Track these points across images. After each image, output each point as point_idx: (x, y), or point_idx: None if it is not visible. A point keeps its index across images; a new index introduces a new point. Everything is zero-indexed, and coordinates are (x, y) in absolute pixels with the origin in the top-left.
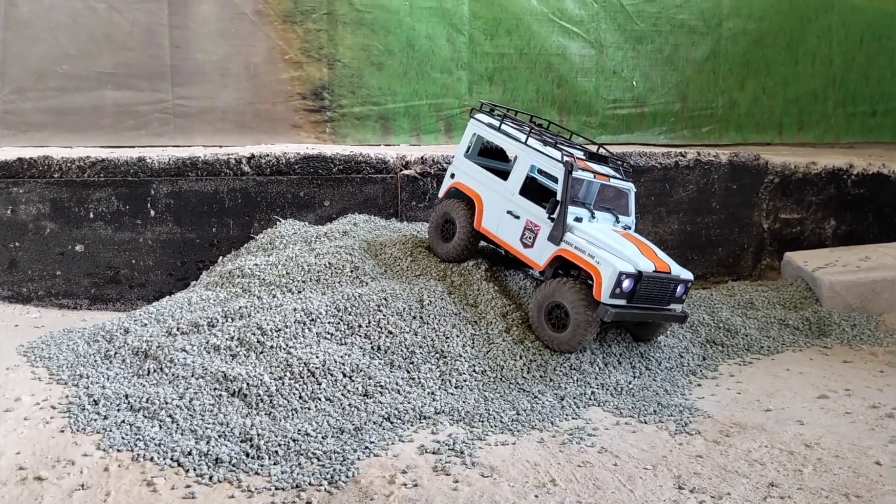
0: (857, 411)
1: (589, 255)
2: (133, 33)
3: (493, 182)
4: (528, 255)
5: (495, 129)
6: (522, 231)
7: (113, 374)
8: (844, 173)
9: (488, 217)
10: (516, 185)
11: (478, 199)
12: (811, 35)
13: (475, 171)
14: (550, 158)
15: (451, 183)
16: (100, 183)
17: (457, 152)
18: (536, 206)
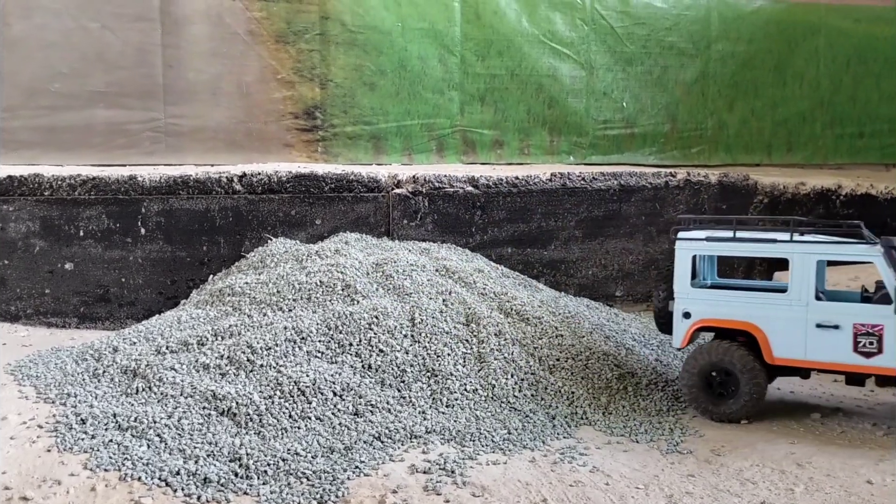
0: (848, 430)
1: None
2: (125, 52)
3: (767, 299)
4: (878, 365)
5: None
6: (854, 340)
7: (101, 393)
8: (833, 194)
9: (782, 343)
10: (808, 290)
11: (753, 327)
12: (799, 58)
13: (728, 296)
14: (844, 245)
15: (692, 324)
16: (90, 201)
17: (677, 285)
18: (861, 305)
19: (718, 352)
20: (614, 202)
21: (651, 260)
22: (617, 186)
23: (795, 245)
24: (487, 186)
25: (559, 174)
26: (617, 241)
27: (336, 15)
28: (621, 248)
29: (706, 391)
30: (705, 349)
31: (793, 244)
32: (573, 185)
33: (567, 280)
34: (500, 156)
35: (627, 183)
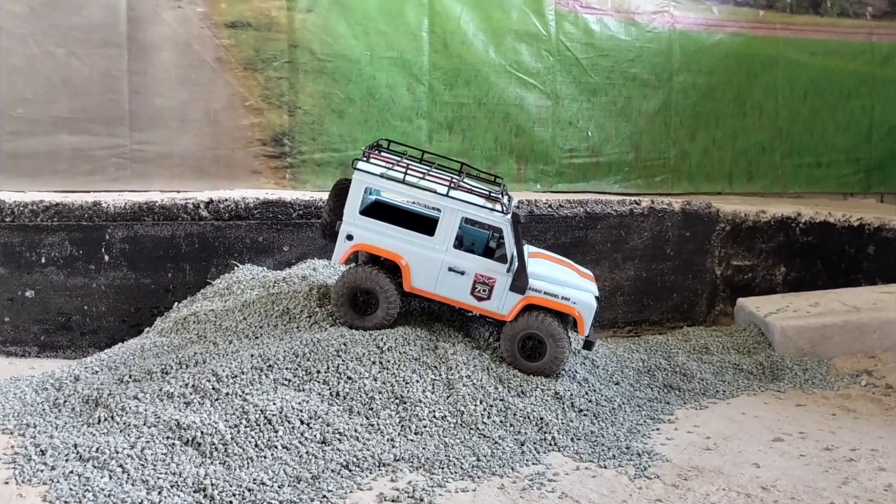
0: (812, 454)
1: (563, 298)
2: (92, 78)
3: (415, 238)
4: (485, 308)
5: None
6: (473, 286)
7: (61, 423)
8: (793, 221)
9: (419, 276)
10: (448, 239)
11: (398, 258)
12: (757, 89)
13: (384, 228)
14: (486, 209)
15: (350, 246)
16: (53, 227)
17: (347, 210)
18: (484, 259)
19: (354, 275)
20: (580, 229)
21: (617, 286)
22: (583, 214)
23: (448, 200)
24: None
25: (526, 201)
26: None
27: (305, 43)
28: None
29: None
30: (354, 271)
31: (446, 199)
32: (540, 212)
33: None
34: None
35: (593, 210)
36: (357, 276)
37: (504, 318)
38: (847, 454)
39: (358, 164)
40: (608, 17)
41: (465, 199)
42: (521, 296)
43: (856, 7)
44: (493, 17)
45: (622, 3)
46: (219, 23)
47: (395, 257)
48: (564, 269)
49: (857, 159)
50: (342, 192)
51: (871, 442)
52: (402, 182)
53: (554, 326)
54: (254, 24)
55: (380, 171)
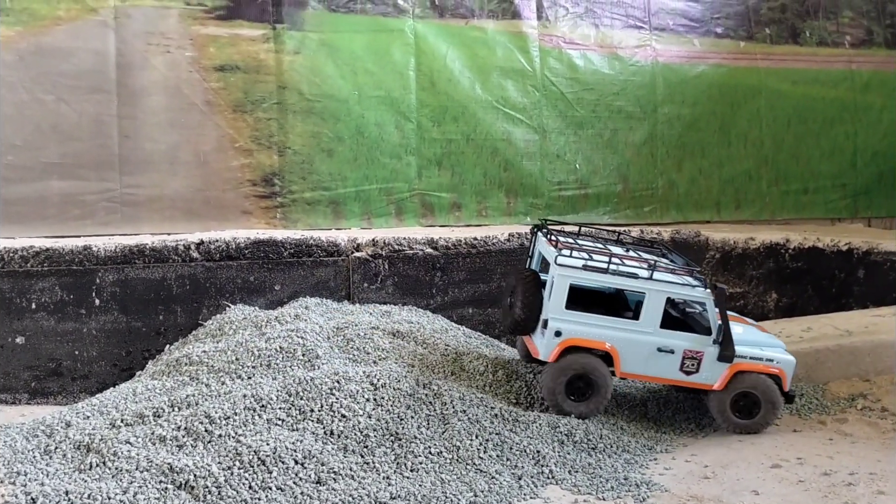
0: (810, 479)
1: (766, 360)
2: (81, 124)
3: (621, 324)
4: (694, 381)
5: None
6: (682, 362)
7: (53, 470)
8: (782, 248)
9: (629, 360)
10: (654, 321)
11: (607, 347)
12: (742, 119)
13: (590, 319)
14: (689, 287)
15: (560, 342)
16: (43, 273)
17: (553, 306)
18: (692, 335)
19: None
20: None
21: None
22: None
23: (650, 283)
24: (447, 248)
25: (517, 234)
26: None
27: (293, 84)
28: None
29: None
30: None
31: (648, 282)
32: None
33: None
34: (459, 218)
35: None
36: (576, 363)
37: (713, 389)
38: (846, 478)
39: (559, 260)
40: (591, 51)
41: (666, 280)
42: (729, 364)
43: (834, 36)
44: (478, 54)
45: (605, 38)
46: (207, 66)
47: (605, 347)
48: (747, 328)
49: (843, 185)
50: (530, 286)
51: (869, 466)
52: (605, 272)
53: (773, 390)
54: (242, 67)
55: (580, 263)
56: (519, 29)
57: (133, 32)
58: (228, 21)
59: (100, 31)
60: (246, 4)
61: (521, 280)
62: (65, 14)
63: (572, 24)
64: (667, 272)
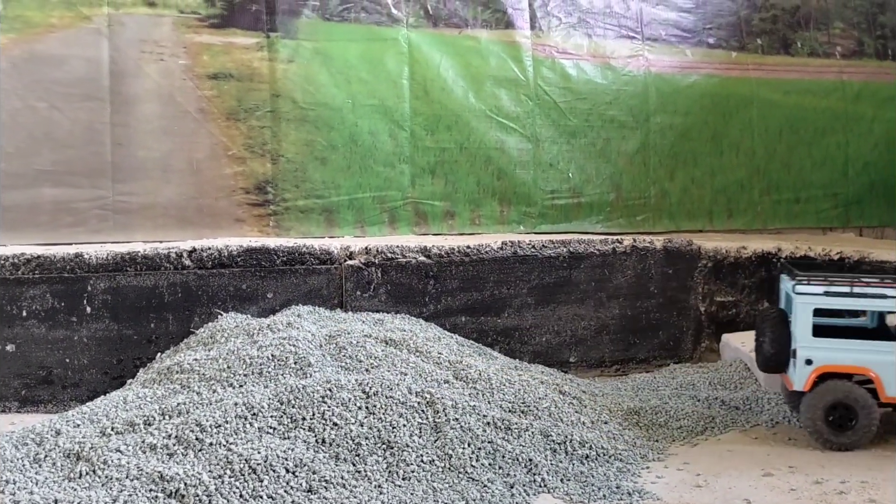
0: (802, 487)
1: None
2: (74, 131)
3: (879, 347)
4: None
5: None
6: None
7: (42, 479)
8: (774, 256)
9: (892, 384)
10: None
11: (868, 371)
12: (734, 128)
13: (840, 344)
14: None
15: (812, 370)
16: (34, 280)
17: (800, 334)
18: None
19: (828, 391)
20: (564, 269)
21: (602, 325)
22: (566, 253)
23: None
24: (440, 256)
25: (510, 242)
26: (569, 308)
27: (287, 92)
28: (573, 313)
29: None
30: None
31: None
32: (524, 252)
33: (521, 347)
34: (452, 226)
35: (576, 250)
36: (836, 390)
37: None
38: (837, 487)
39: (797, 289)
40: (584, 61)
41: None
42: None
43: (825, 47)
44: (471, 63)
45: (598, 48)
46: (201, 74)
47: (864, 371)
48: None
49: (835, 194)
50: (777, 321)
51: (860, 474)
52: (849, 295)
53: None
54: (236, 75)
55: (822, 289)
56: (512, 39)
57: (126, 40)
58: (222, 29)
59: (93, 39)
60: (240, 13)
61: (764, 318)
62: (58, 21)
63: (565, 34)
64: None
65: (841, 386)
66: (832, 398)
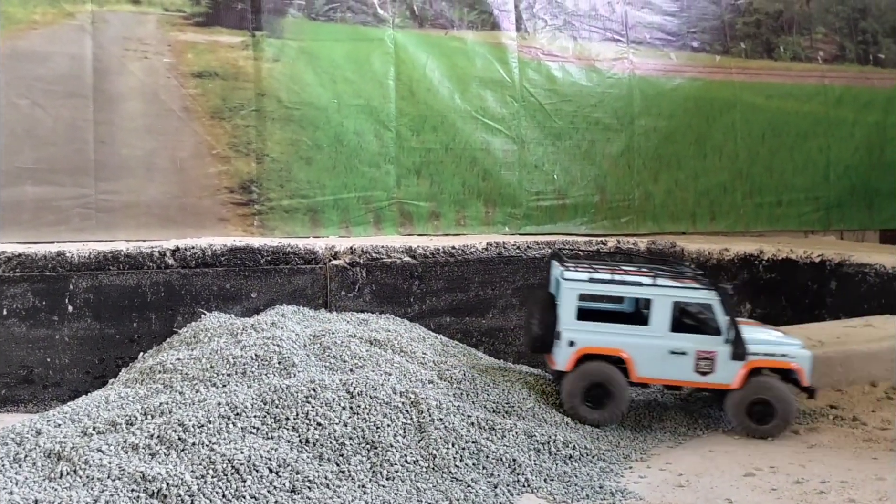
0: (783, 487)
1: (781, 355)
2: (56, 129)
3: (632, 330)
4: (710, 381)
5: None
6: (695, 363)
7: (22, 479)
8: (756, 259)
9: (643, 365)
10: (664, 325)
11: (621, 353)
12: (717, 132)
13: (601, 328)
14: (692, 290)
15: (574, 351)
16: (15, 279)
17: (564, 318)
18: (703, 336)
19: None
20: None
21: None
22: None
23: (655, 289)
24: (425, 256)
25: (495, 243)
26: None
27: (272, 92)
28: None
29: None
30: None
31: (654, 288)
32: (509, 253)
33: (506, 348)
34: (437, 227)
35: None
36: (591, 371)
37: (731, 388)
38: (817, 486)
39: (565, 275)
40: (570, 63)
41: (672, 285)
42: (743, 362)
43: (808, 52)
44: (457, 64)
45: (583, 50)
46: (185, 73)
47: (619, 353)
48: (762, 329)
49: (816, 198)
50: (546, 304)
51: (840, 474)
52: (611, 282)
53: (783, 390)
54: (221, 74)
55: (587, 276)
56: (498, 40)
57: (110, 38)
58: (207, 28)
59: (77, 36)
60: (225, 11)
61: (534, 301)
62: (41, 18)
63: (551, 37)
64: (671, 278)
65: (599, 367)
66: (590, 378)
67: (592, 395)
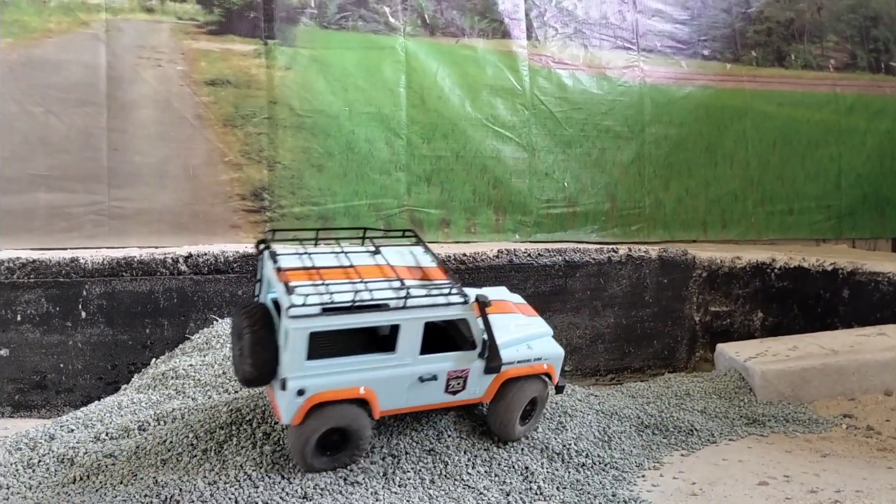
0: (797, 496)
1: (535, 360)
2: (70, 136)
3: (377, 363)
4: (462, 399)
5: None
6: (447, 384)
7: (35, 484)
8: (768, 267)
9: (389, 398)
10: (412, 350)
11: (362, 394)
12: (728, 139)
13: (337, 365)
14: (448, 306)
15: (304, 401)
16: (29, 284)
17: (290, 364)
18: (454, 354)
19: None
20: (560, 277)
21: (598, 334)
22: (562, 262)
23: (405, 312)
24: None
25: (506, 251)
26: (564, 316)
27: (284, 99)
28: (568, 322)
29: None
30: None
31: (402, 311)
32: (520, 261)
33: None
34: (448, 234)
35: (572, 259)
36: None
37: (484, 401)
38: (832, 496)
39: (292, 311)
40: (580, 71)
41: (422, 304)
42: (496, 374)
43: (819, 60)
44: (468, 72)
45: (593, 58)
46: (198, 81)
47: (359, 394)
48: (513, 317)
49: (828, 206)
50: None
51: (855, 483)
52: (351, 311)
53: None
54: (233, 82)
55: (318, 308)
56: (509, 48)
57: (124, 46)
58: (220, 36)
59: (91, 44)
60: (238, 20)
61: (249, 324)
62: (56, 27)
63: (561, 45)
64: (422, 289)
65: (335, 412)
66: (325, 427)
67: (327, 443)
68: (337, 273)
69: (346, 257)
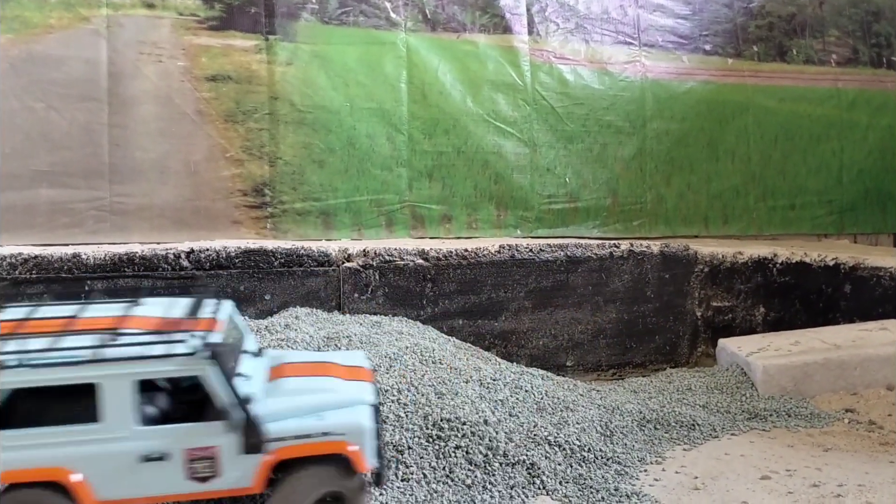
0: (800, 491)
1: (323, 434)
2: (71, 132)
3: (79, 434)
4: (219, 489)
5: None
6: (188, 467)
7: None
8: (770, 262)
9: (106, 484)
10: (127, 417)
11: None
12: (729, 135)
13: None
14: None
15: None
16: (31, 280)
17: None
18: (194, 426)
19: None
20: (562, 273)
21: (600, 329)
22: (564, 257)
23: (106, 366)
24: (437, 259)
25: (508, 246)
26: (566, 311)
27: (285, 95)
28: (570, 317)
29: None
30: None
31: (103, 365)
32: (521, 256)
33: (518, 351)
34: (449, 230)
35: (574, 254)
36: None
37: (253, 492)
38: (835, 490)
39: None
40: (582, 66)
41: (127, 356)
42: (263, 454)
43: (821, 55)
44: (469, 68)
45: (595, 53)
46: (199, 76)
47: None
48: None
49: (830, 201)
50: None
51: (857, 477)
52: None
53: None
54: (234, 78)
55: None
56: (510, 43)
57: (125, 41)
58: (221, 32)
59: (92, 40)
60: (239, 15)
61: None
62: (57, 22)
63: (563, 40)
64: (138, 337)
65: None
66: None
67: None
68: (52, 325)
69: (86, 309)
